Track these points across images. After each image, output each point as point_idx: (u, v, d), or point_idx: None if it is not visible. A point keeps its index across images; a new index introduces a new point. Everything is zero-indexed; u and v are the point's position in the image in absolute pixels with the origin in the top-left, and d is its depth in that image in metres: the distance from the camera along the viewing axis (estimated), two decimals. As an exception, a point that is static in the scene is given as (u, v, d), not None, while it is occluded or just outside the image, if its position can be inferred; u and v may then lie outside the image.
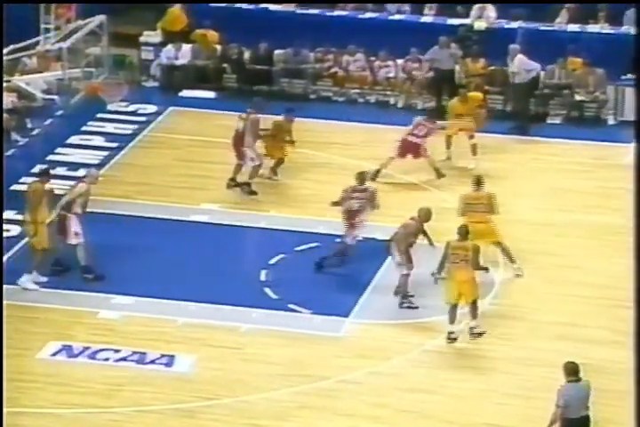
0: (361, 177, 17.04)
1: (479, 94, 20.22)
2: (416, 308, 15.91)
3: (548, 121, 21.60)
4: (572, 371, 12.72)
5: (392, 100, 22.53)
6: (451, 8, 23.19)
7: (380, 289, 16.40)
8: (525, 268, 16.78)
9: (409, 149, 19.14)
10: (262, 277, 16.57)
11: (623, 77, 21.55)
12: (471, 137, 19.56)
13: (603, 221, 16.40)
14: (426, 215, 16.24)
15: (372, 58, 22.62)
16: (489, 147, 20.04)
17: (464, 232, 15.42)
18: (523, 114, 20.74)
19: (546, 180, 19.36)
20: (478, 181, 16.81)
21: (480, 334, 15.24)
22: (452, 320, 15.30)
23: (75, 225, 16.16)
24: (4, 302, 15.28)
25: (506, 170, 19.51)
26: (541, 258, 17.01)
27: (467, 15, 22.90)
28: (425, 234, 16.40)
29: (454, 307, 15.29)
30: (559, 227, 17.74)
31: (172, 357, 14.99)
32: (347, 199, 16.72)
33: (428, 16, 23.29)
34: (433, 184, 19.19)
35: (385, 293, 16.30)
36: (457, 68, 21.69)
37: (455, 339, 15.32)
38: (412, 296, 16.08)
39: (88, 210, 16.84)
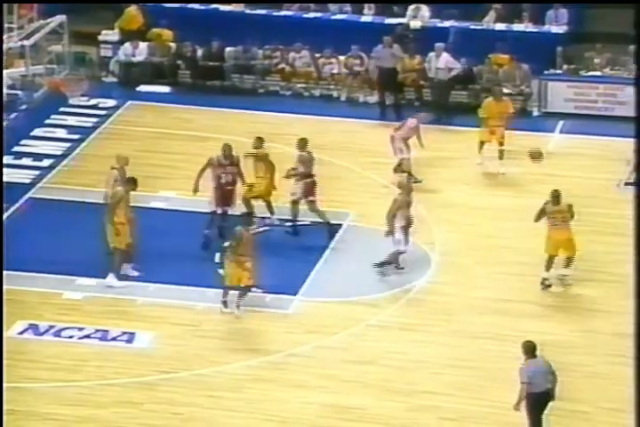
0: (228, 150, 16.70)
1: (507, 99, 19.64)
2: (388, 275, 15.99)
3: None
4: (529, 349, 12.72)
5: (335, 94, 22.48)
6: (388, 8, 23.17)
7: (325, 269, 16.39)
8: (461, 248, 16.86)
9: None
10: (217, 258, 16.48)
11: (546, 72, 21.69)
12: (501, 143, 19.05)
13: (531, 204, 16.47)
14: (407, 187, 16.29)
15: (317, 55, 22.53)
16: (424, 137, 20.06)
17: (557, 196, 15.67)
18: (443, 107, 20.79)
19: (477, 167, 19.41)
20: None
21: (569, 284, 15.68)
22: (548, 268, 15.73)
23: None
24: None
25: (440, 158, 19.54)
26: (476, 239, 17.09)
27: (403, 15, 22.88)
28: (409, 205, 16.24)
29: (552, 258, 15.70)
30: (492, 210, 17.82)
31: (133, 334, 14.92)
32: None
33: (368, 16, 23.23)
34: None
35: (330, 273, 16.30)
36: (398, 66, 21.62)
37: (550, 285, 15.74)
38: (402, 268, 16.13)
39: (54, 198, 16.71)
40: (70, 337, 14.81)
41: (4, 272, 15.81)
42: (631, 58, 21.53)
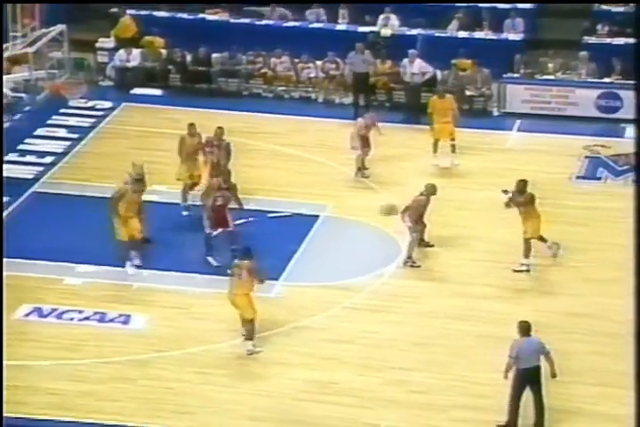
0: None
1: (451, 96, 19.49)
2: (418, 266, 15.99)
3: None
4: (524, 329, 12.66)
5: (313, 96, 22.40)
6: (361, 18, 23.12)
7: (305, 256, 16.36)
8: (429, 237, 16.85)
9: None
10: (205, 247, 16.41)
11: (505, 76, 21.68)
12: (452, 139, 18.95)
13: (493, 196, 16.50)
14: (432, 189, 16.26)
15: (296, 60, 22.46)
16: (393, 135, 20.04)
17: (522, 187, 15.68)
18: (415, 107, 20.73)
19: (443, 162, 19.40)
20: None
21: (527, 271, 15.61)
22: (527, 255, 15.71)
23: None
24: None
25: (408, 154, 19.52)
26: (443, 229, 17.08)
27: (374, 24, 22.83)
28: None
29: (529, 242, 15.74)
30: (458, 202, 17.82)
31: (129, 316, 14.86)
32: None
33: (342, 24, 23.17)
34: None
35: (310, 259, 16.26)
36: (370, 70, 21.55)
37: (528, 271, 15.65)
38: (431, 246, 16.31)
39: (56, 192, 16.60)
40: (71, 319, 14.74)
41: (12, 260, 15.74)
42: (581, 63, 21.59)
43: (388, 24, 22.77)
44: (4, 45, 20.44)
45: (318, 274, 15.90)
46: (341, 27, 23.03)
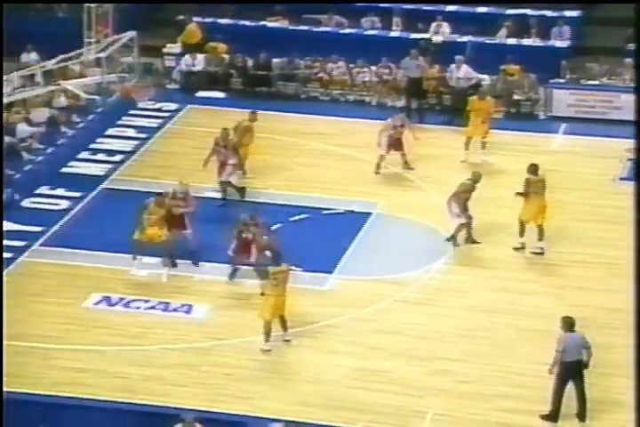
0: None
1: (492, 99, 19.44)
2: (458, 245, 16.19)
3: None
4: (568, 324, 12.61)
5: (367, 99, 22.40)
6: (413, 25, 23.07)
7: (357, 251, 16.38)
8: (476, 234, 16.78)
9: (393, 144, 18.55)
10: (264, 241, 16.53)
11: (551, 81, 21.51)
12: (484, 136, 18.95)
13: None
14: (477, 177, 16.37)
15: (351, 65, 22.49)
16: (440, 136, 19.99)
17: (536, 168, 15.91)
18: (460, 110, 20.62)
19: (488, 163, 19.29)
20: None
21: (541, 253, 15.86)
22: (522, 234, 16.02)
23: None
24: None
25: (453, 155, 19.39)
26: (488, 225, 16.99)
27: (426, 31, 22.78)
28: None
29: (524, 224, 16.00)
30: (501, 200, 17.69)
31: (191, 306, 15.00)
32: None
33: (396, 31, 23.16)
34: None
35: (362, 254, 16.28)
36: (423, 75, 21.47)
37: (523, 248, 15.95)
38: (478, 243, 16.29)
39: (123, 188, 16.82)
40: (137, 308, 14.92)
41: (83, 251, 16.01)
42: (625, 69, 21.33)
43: (439, 31, 22.73)
44: (79, 51, 20.72)
45: (370, 268, 15.91)
46: (395, 33, 23.02)
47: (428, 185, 18.32)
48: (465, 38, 22.31)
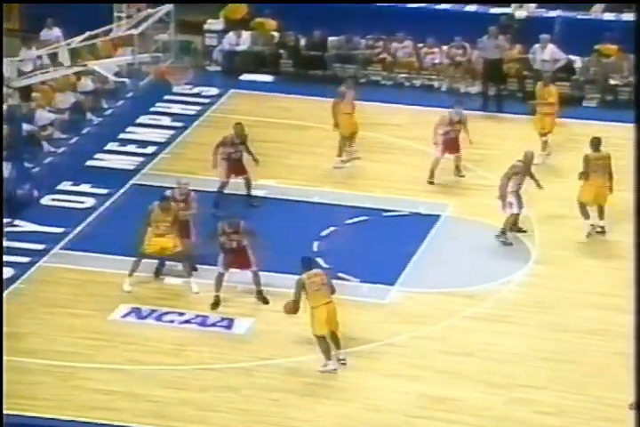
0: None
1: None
2: (510, 244, 16.31)
3: (584, 104, 21.38)
4: None
5: (436, 84, 22.38)
6: (493, -3, 23.02)
7: (424, 259, 16.36)
8: (560, 241, 16.66)
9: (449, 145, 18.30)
10: (315, 247, 16.58)
11: (656, 63, 21.24)
12: (545, 133, 18.89)
13: (628, 197, 16.22)
14: (530, 157, 16.46)
15: (419, 45, 22.46)
16: (522, 128, 19.85)
17: (597, 143, 16.27)
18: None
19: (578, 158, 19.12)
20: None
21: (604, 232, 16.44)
22: (586, 216, 16.48)
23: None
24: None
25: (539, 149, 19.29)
26: (575, 232, 16.87)
27: (508, 4, 22.65)
28: (532, 176, 16.61)
29: (584, 206, 16.43)
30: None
31: (232, 320, 15.07)
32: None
33: (472, 5, 23.05)
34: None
35: (429, 263, 16.26)
36: (504, 56, 21.35)
37: (603, 232, 16.51)
38: (524, 231, 16.56)
39: (155, 184, 16.97)
40: (171, 322, 15.00)
41: (110, 256, 16.17)
42: None
43: (524, 5, 22.58)
44: (109, 27, 20.94)
45: (437, 279, 15.88)
46: (471, 8, 22.94)
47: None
48: (553, 13, 22.15)
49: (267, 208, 17.69)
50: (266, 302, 15.39)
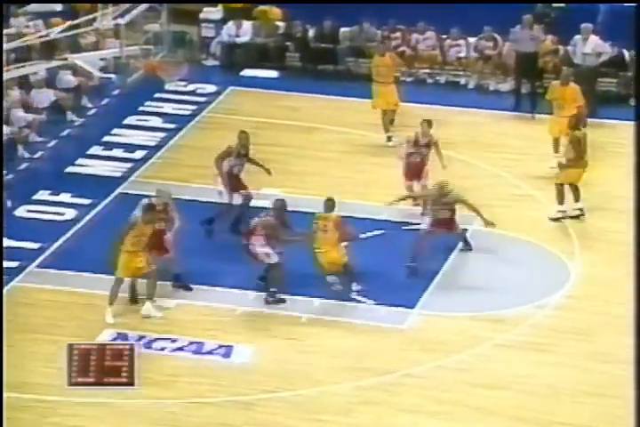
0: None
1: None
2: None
3: (631, 103, 21.40)
4: None
5: (463, 81, 22.45)
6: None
7: (448, 279, 16.39)
8: (605, 259, 16.67)
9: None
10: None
11: None
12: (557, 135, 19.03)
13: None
14: (443, 186, 16.59)
15: (443, 36, 22.54)
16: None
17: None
18: (587, 97, 20.49)
19: (626, 162, 19.12)
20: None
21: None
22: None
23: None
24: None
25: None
26: (621, 248, 16.86)
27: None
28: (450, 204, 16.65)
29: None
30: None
31: (230, 347, 15.09)
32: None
33: (503, -9, 23.14)
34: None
35: (454, 283, 16.28)
36: (539, 49, 21.40)
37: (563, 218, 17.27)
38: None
39: (144, 193, 17.05)
40: (162, 349, 15.05)
41: (92, 275, 16.22)
42: None
43: (563, -9, 22.70)
44: (92, 15, 21.04)
45: (464, 302, 15.90)
46: (501, -6, 23.02)
47: (543, 194, 18.24)
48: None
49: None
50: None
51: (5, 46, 20.58)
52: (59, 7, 21.92)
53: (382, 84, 19.94)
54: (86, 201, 18.33)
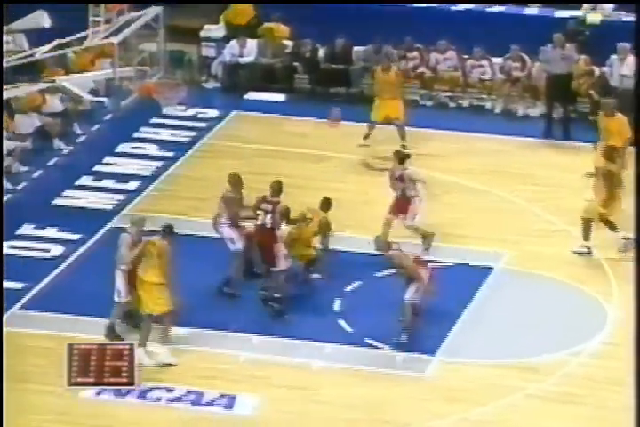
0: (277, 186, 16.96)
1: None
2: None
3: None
4: None
5: (488, 105, 22.48)
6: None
7: (472, 322, 16.33)
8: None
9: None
10: (336, 307, 16.58)
11: None
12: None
13: None
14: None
15: (466, 56, 22.60)
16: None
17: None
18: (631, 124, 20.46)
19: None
20: None
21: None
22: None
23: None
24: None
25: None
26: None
27: (578, 6, 22.80)
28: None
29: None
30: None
31: (233, 397, 15.04)
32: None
33: (533, 7, 23.21)
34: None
35: (478, 326, 16.21)
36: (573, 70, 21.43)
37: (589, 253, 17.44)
38: None
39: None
40: (157, 400, 14.98)
41: (82, 318, 16.18)
42: None
43: (597, 7, 22.77)
44: (83, 34, 21.18)
45: (490, 348, 15.84)
46: (531, 10, 23.11)
47: (578, 230, 18.19)
48: (634, 17, 22.24)
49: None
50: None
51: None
52: (47, 24, 21.97)
53: (387, 99, 20.19)
54: (74, 236, 18.32)
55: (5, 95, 19.51)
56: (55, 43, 20.06)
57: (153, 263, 15.52)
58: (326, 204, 17.47)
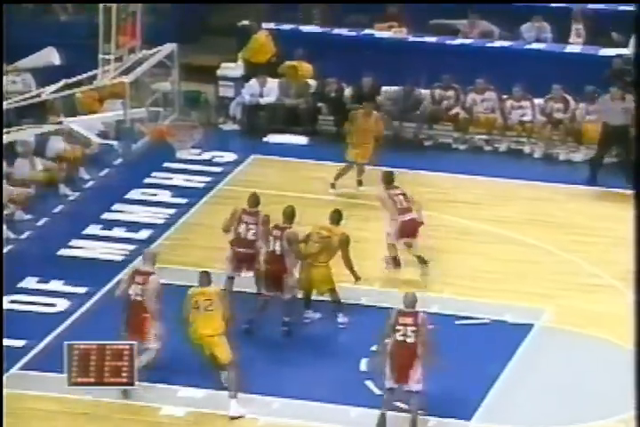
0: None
1: None
2: None
3: None
4: None
5: (527, 149, 22.52)
6: (604, 35, 23.15)
7: (510, 385, 16.27)
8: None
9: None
10: (363, 366, 16.55)
11: None
12: None
13: None
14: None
15: (504, 96, 22.67)
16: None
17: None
18: None
19: None
20: None
21: None
22: None
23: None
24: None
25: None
26: None
27: (625, 44, 22.88)
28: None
29: None
30: None
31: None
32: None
33: (575, 45, 23.32)
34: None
35: (517, 390, 16.16)
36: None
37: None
38: None
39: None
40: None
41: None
42: None
43: (643, 45, 22.84)
44: (92, 73, 21.32)
45: (529, 413, 15.78)
46: (574, 48, 23.23)
47: (626, 285, 18.17)
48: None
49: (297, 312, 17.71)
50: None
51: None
52: (57, 61, 22.20)
53: (359, 144, 20.74)
54: (81, 289, 18.35)
55: (8, 138, 19.65)
56: (62, 82, 20.16)
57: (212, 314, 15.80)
58: (337, 217, 17.67)
